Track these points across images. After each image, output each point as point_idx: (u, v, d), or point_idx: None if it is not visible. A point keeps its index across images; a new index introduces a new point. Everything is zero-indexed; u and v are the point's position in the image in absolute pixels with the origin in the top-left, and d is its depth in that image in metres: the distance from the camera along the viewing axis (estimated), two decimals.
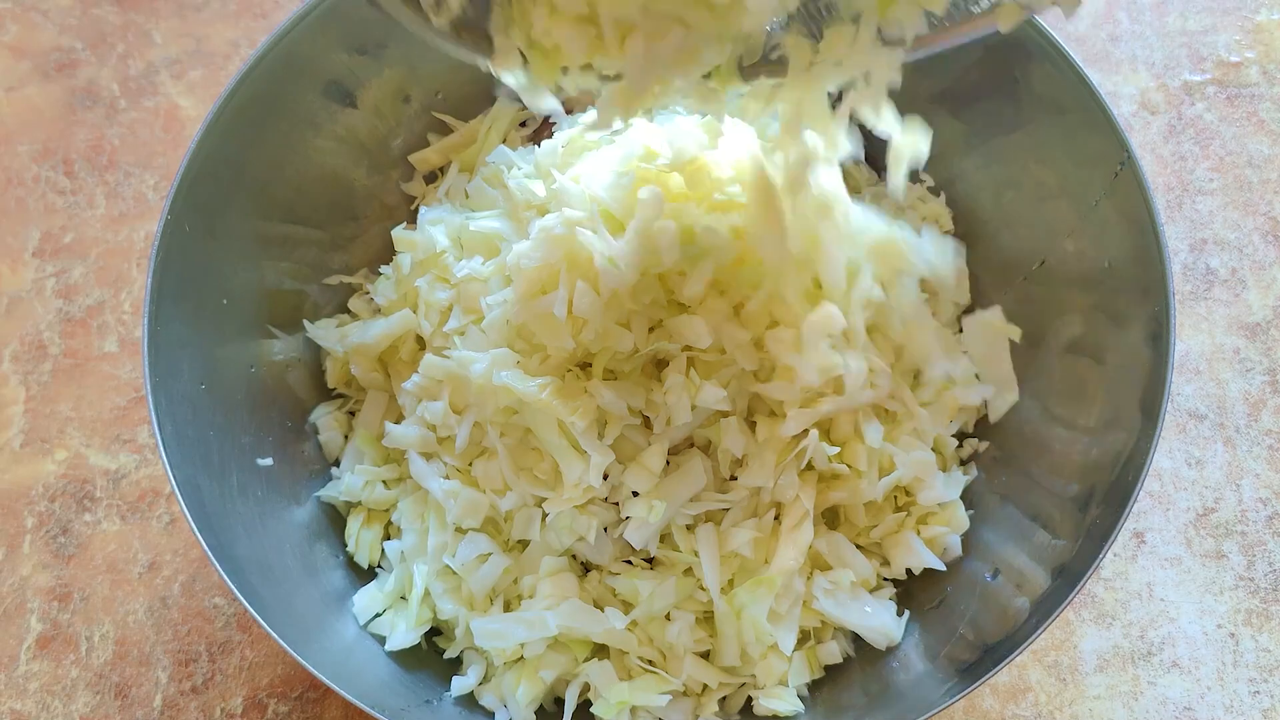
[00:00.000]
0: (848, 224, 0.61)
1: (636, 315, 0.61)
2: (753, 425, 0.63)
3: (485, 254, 0.66)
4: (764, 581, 0.61)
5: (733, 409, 0.62)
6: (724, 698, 0.64)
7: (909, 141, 0.57)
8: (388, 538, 0.69)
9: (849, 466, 0.63)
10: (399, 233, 0.71)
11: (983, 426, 0.71)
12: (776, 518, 0.64)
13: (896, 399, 0.66)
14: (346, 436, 0.71)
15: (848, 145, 0.64)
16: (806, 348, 0.59)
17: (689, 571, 0.63)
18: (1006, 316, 0.70)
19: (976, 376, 0.69)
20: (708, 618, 0.64)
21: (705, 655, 0.64)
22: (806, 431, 0.62)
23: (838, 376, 0.62)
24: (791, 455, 0.62)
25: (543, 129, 0.76)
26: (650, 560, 0.64)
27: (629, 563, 0.65)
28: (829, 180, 0.60)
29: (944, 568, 0.66)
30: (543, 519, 0.62)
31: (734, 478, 0.63)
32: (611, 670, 0.63)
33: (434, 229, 0.69)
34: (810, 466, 0.63)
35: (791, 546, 0.61)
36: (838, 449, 0.63)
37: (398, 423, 0.69)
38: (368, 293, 0.73)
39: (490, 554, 0.63)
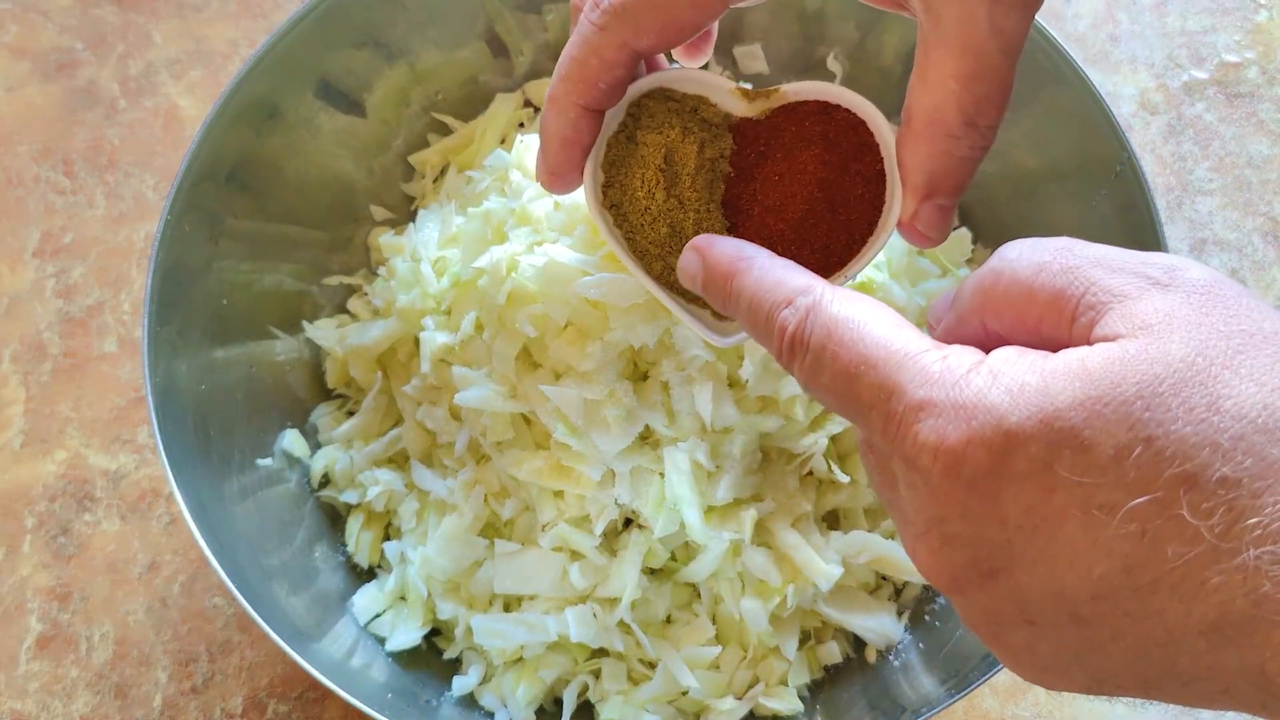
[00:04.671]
0: None
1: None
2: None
3: (477, 249, 0.66)
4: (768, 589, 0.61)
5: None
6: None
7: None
8: (387, 538, 0.69)
9: (850, 477, 0.63)
10: (386, 239, 0.71)
11: None
12: None
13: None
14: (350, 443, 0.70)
15: None
16: None
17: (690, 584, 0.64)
18: None
19: None
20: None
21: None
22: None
23: None
24: (795, 464, 0.62)
25: None
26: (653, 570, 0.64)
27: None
28: None
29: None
30: (542, 527, 0.62)
31: None
32: (621, 669, 0.63)
33: (424, 232, 0.69)
34: (811, 473, 0.63)
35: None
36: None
37: (397, 425, 0.69)
38: (367, 294, 0.73)
39: (489, 559, 0.63)
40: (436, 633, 0.67)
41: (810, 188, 0.49)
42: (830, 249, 0.49)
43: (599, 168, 0.51)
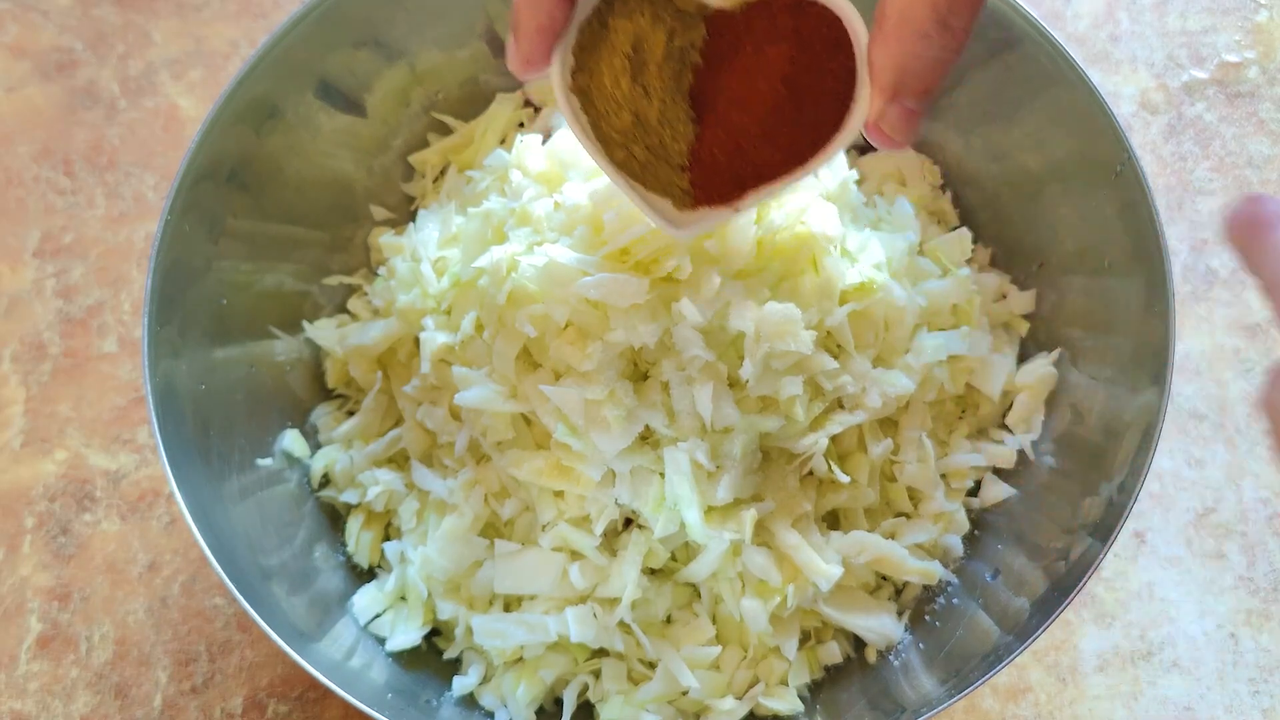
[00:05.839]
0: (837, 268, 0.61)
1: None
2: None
3: (477, 249, 0.66)
4: (768, 589, 0.61)
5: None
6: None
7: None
8: (387, 538, 0.69)
9: (850, 477, 0.63)
10: (386, 239, 0.71)
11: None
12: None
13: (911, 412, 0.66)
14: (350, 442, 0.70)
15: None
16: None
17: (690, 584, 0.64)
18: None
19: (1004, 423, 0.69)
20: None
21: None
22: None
23: (838, 396, 0.62)
24: (795, 464, 0.62)
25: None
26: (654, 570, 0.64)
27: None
28: (821, 221, 0.60)
29: (935, 580, 0.65)
30: (542, 527, 0.62)
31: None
32: (621, 669, 0.63)
33: (424, 232, 0.69)
34: (811, 473, 0.63)
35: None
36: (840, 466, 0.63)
37: (397, 425, 0.69)
38: (367, 294, 0.73)
39: (489, 559, 0.63)
40: (436, 633, 0.67)
41: (776, 84, 0.49)
42: (795, 147, 0.49)
43: (569, 52, 0.50)
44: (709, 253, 0.59)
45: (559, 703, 0.64)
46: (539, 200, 0.62)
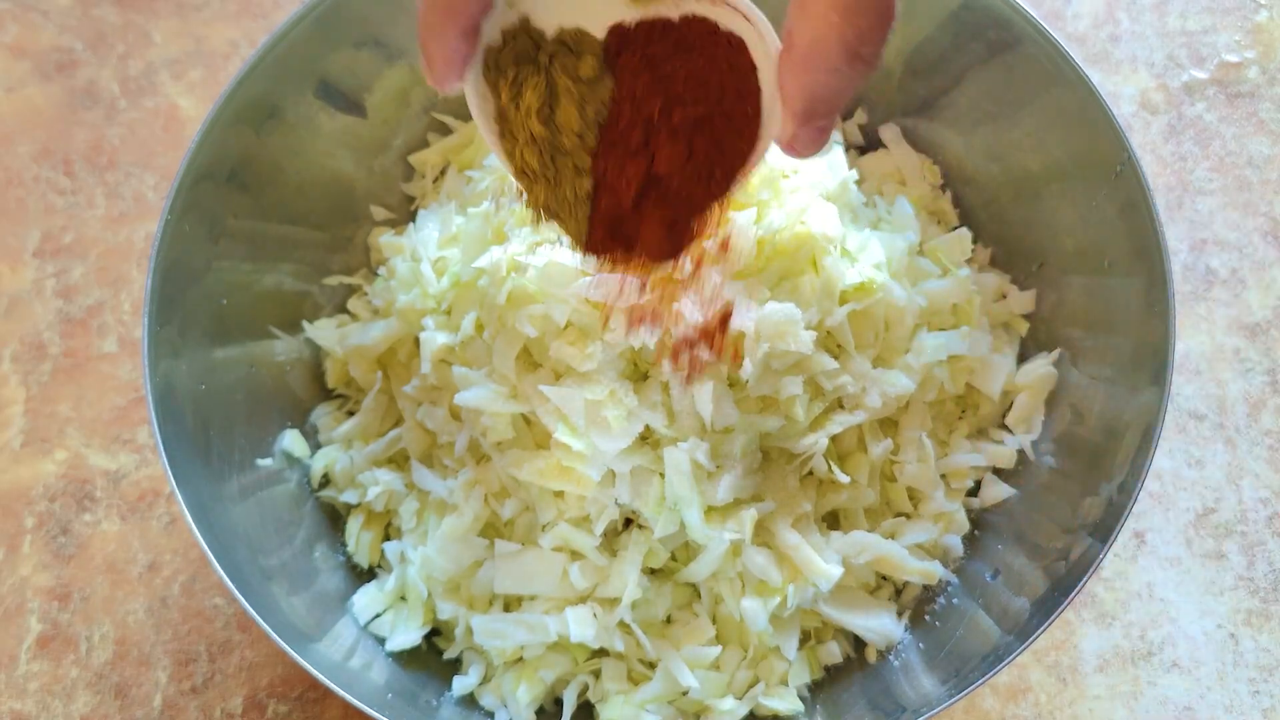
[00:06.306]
0: (837, 268, 0.61)
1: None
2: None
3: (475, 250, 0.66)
4: (768, 589, 0.61)
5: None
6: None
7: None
8: (388, 538, 0.69)
9: (850, 477, 0.63)
10: (386, 239, 0.71)
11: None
12: None
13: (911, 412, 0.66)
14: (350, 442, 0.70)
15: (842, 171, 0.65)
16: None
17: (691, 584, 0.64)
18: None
19: (1005, 423, 0.70)
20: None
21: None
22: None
23: (838, 396, 0.62)
24: (795, 464, 0.62)
25: None
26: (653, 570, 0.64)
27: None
28: (821, 221, 0.60)
29: (935, 580, 0.65)
30: (543, 528, 0.62)
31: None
32: (621, 669, 0.63)
33: (424, 232, 0.69)
34: (811, 473, 0.63)
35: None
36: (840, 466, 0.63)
37: (397, 425, 0.69)
38: (367, 294, 0.73)
39: (489, 559, 0.63)
40: (436, 633, 0.67)
41: (683, 162, 0.49)
42: (711, 191, 0.50)
43: (482, 82, 0.50)
44: (709, 253, 0.59)
45: (559, 703, 0.64)
46: None
